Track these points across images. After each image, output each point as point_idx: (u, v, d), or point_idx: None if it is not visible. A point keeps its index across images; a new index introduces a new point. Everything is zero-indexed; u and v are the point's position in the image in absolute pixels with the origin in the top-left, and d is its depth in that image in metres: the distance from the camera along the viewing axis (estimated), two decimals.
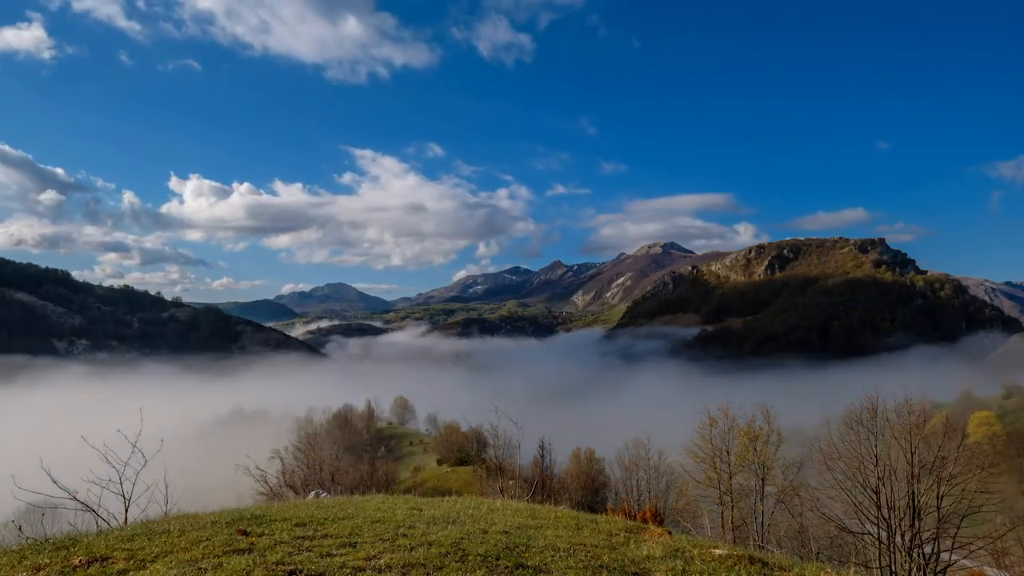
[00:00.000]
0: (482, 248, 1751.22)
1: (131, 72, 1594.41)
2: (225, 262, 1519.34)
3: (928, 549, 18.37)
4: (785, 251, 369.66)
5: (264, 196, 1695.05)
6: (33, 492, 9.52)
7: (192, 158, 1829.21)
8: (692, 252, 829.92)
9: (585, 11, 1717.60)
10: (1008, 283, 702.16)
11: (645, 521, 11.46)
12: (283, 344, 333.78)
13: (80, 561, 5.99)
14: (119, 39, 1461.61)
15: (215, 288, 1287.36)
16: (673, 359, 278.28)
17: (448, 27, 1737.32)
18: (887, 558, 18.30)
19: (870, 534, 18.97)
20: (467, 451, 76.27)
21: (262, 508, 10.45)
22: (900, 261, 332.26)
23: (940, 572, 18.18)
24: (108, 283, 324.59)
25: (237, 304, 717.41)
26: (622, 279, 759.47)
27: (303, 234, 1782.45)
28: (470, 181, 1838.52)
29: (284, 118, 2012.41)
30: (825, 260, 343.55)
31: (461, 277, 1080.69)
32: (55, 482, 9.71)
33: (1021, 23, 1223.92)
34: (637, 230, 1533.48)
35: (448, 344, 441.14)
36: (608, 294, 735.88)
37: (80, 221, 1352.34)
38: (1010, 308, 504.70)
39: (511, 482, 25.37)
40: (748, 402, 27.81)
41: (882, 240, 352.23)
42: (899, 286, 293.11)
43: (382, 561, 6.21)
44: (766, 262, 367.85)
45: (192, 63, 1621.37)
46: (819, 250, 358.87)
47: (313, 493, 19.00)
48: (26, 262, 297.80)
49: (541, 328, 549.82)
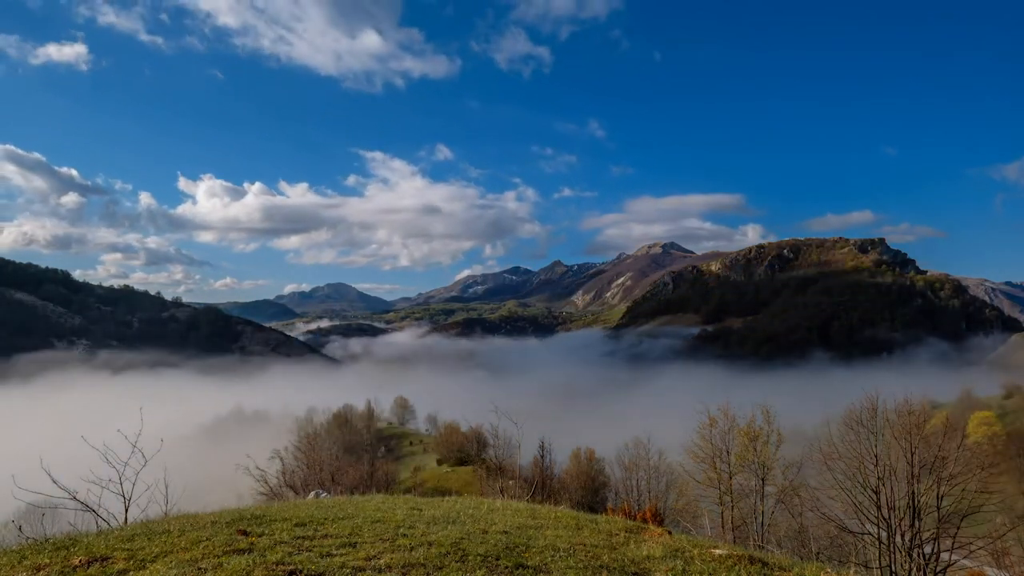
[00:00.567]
0: (488, 250, 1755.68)
1: (153, 81, 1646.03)
2: (232, 263, 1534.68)
3: (928, 549, 18.34)
4: (785, 251, 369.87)
5: (277, 197, 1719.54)
6: (33, 492, 9.50)
7: (206, 161, 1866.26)
8: (692, 252, 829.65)
9: (608, 24, 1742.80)
10: (1008, 283, 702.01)
11: (645, 521, 11.45)
12: (283, 344, 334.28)
13: (80, 561, 5.99)
14: (142, 51, 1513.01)
15: (217, 288, 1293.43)
16: (673, 359, 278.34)
17: (468, 40, 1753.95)
18: (887, 558, 18.28)
19: (870, 534, 18.95)
20: (467, 451, 76.22)
21: (262, 508, 10.44)
22: (900, 261, 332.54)
23: (940, 572, 18.15)
24: (111, 283, 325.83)
25: (237, 304, 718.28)
26: (622, 279, 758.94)
27: (313, 235, 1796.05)
28: (478, 184, 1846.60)
29: (298, 123, 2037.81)
30: (825, 260, 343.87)
31: (462, 277, 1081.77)
32: (55, 482, 9.69)
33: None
34: (643, 231, 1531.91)
35: (448, 344, 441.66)
36: (608, 294, 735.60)
37: (97, 223, 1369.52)
38: (1010, 308, 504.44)
39: (511, 482, 25.33)
40: (748, 402, 27.84)
41: (882, 240, 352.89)
42: (899, 286, 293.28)
43: (382, 561, 6.21)
44: (766, 262, 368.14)
45: (216, 73, 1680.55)
46: (819, 250, 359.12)
47: (313, 493, 18.97)
48: (26, 262, 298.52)
49: (541, 328, 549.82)
